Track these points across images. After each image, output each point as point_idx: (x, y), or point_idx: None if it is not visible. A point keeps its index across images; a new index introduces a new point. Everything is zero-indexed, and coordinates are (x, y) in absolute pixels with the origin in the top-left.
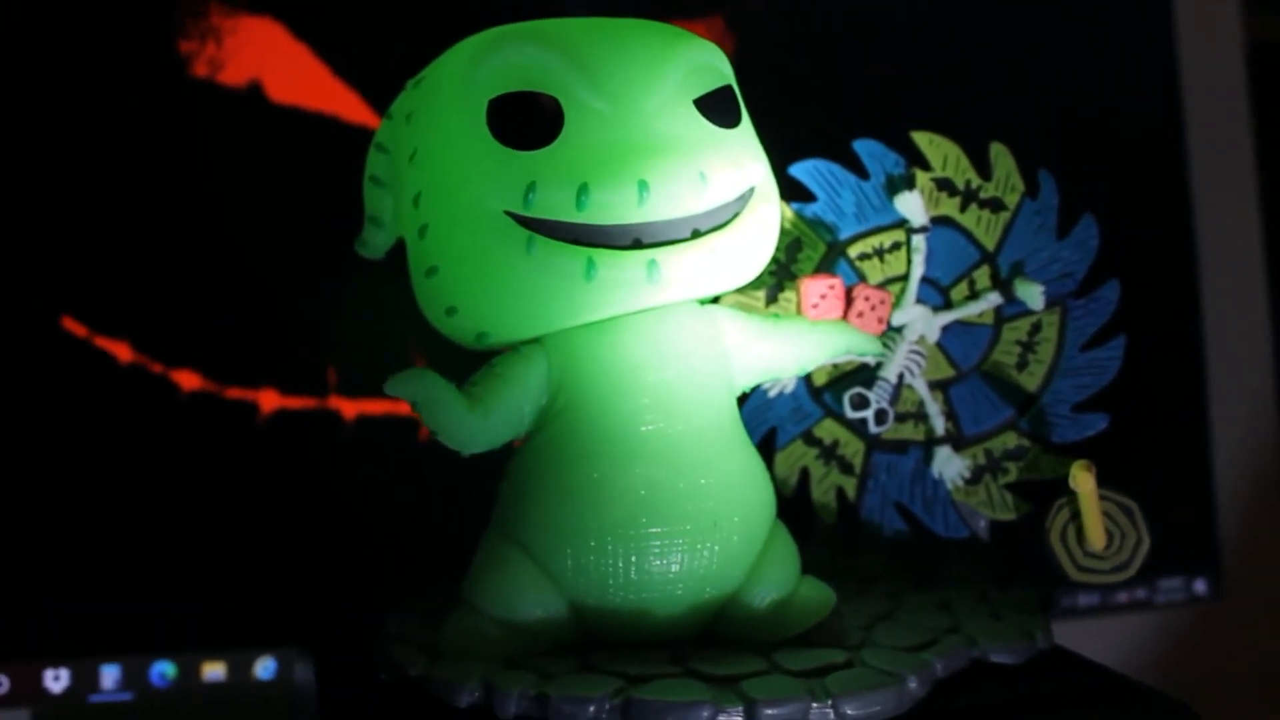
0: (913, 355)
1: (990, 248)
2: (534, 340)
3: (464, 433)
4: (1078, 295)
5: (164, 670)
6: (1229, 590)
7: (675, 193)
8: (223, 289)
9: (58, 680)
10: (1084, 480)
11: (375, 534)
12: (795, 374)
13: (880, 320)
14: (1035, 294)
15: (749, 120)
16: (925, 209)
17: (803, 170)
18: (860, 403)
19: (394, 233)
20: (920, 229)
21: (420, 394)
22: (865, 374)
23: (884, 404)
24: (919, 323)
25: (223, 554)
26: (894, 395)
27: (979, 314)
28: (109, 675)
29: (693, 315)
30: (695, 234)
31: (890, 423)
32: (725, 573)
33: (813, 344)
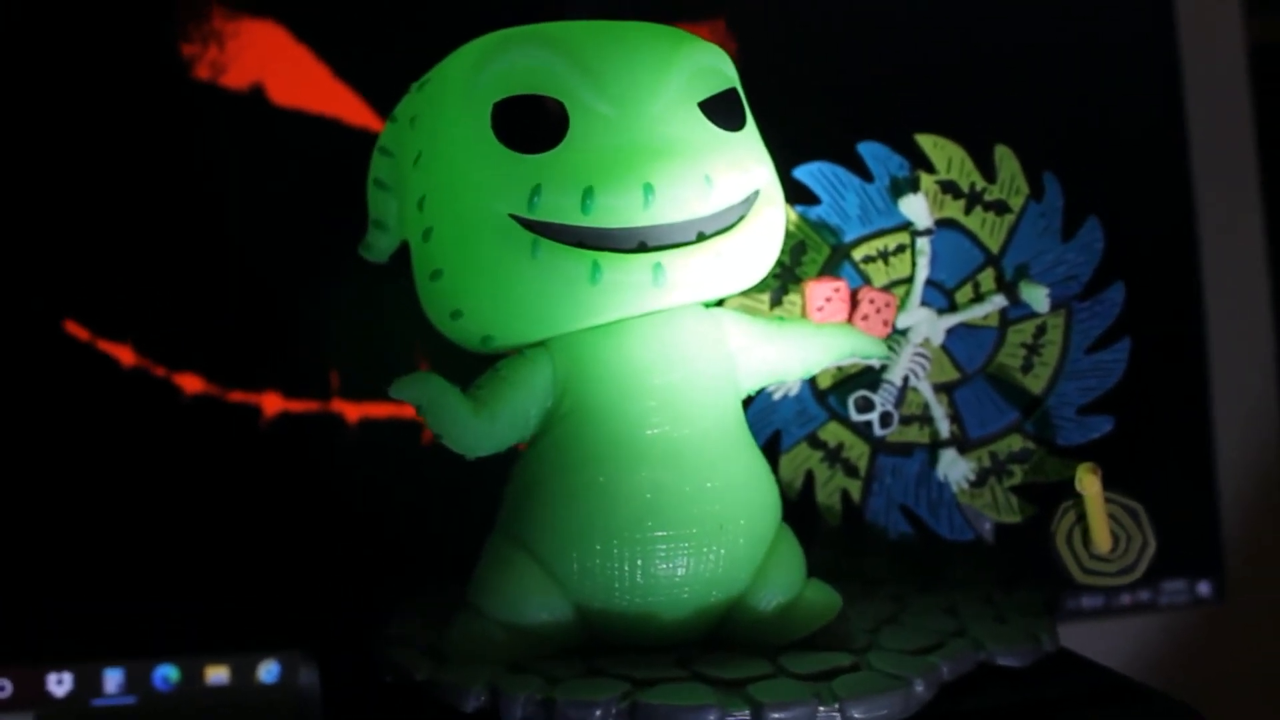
0: (917, 358)
1: (995, 250)
2: (539, 343)
3: (469, 436)
4: (1082, 298)
5: (167, 674)
6: (1232, 592)
7: (680, 196)
8: (225, 292)
9: (60, 684)
10: (1090, 483)
11: (378, 537)
12: (800, 377)
13: (885, 323)
14: (1040, 296)
15: (754, 123)
16: (930, 212)
17: (807, 173)
18: (865, 405)
19: (398, 236)
20: (925, 232)
21: (425, 397)
22: (870, 377)
23: (889, 407)
24: (924, 325)
25: (226, 557)
26: (899, 398)
27: (984, 317)
28: (112, 679)
29: (698, 318)
30: (700, 237)
31: (895, 425)
32: (731, 576)
33: (818, 347)
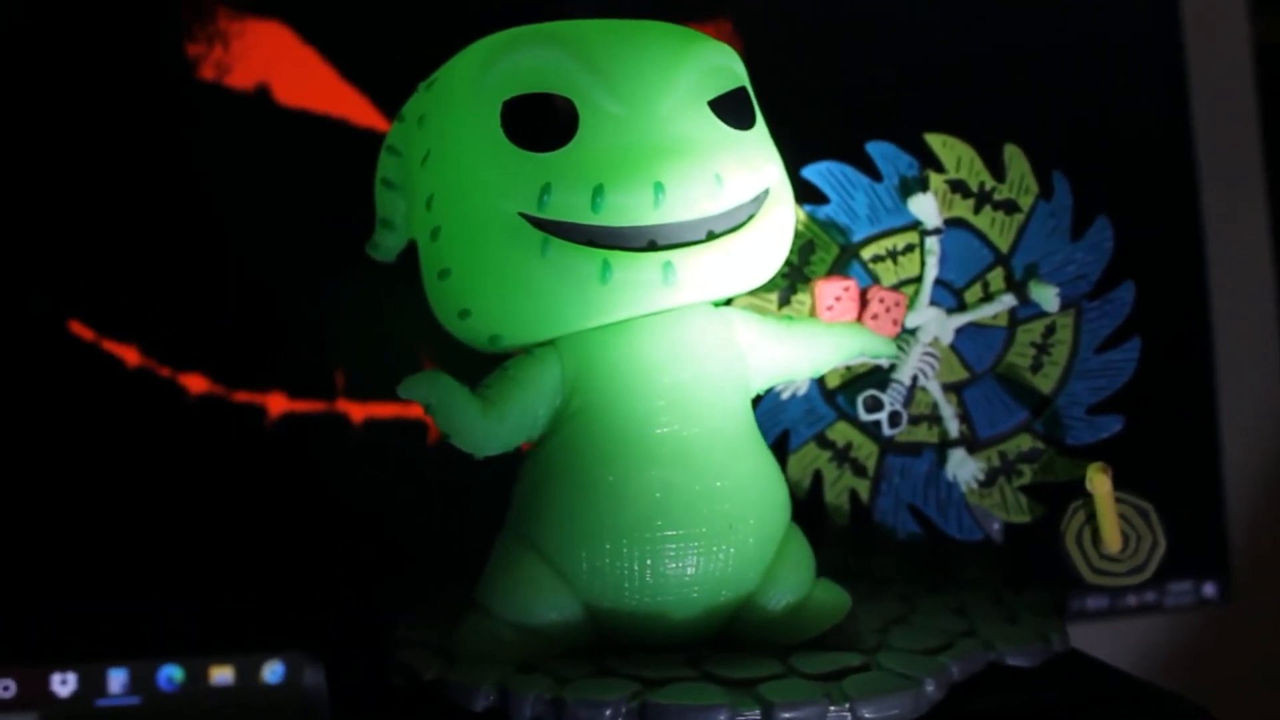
0: (926, 358)
1: (1004, 250)
2: (547, 343)
3: (477, 435)
4: (1092, 297)
5: (171, 674)
6: (1238, 593)
7: (691, 194)
8: (230, 293)
9: (65, 684)
10: (1100, 482)
11: (383, 537)
12: (809, 376)
13: (895, 322)
14: (1050, 296)
15: (763, 122)
16: (939, 211)
17: (815, 172)
18: (874, 405)
19: (405, 235)
20: (934, 231)
21: (433, 396)
22: (879, 376)
23: (897, 406)
24: (932, 325)
25: (231, 557)
26: (907, 398)
27: (993, 316)
28: (116, 679)
29: (707, 317)
30: (710, 236)
31: (904, 425)
32: (741, 575)
33: (827, 346)
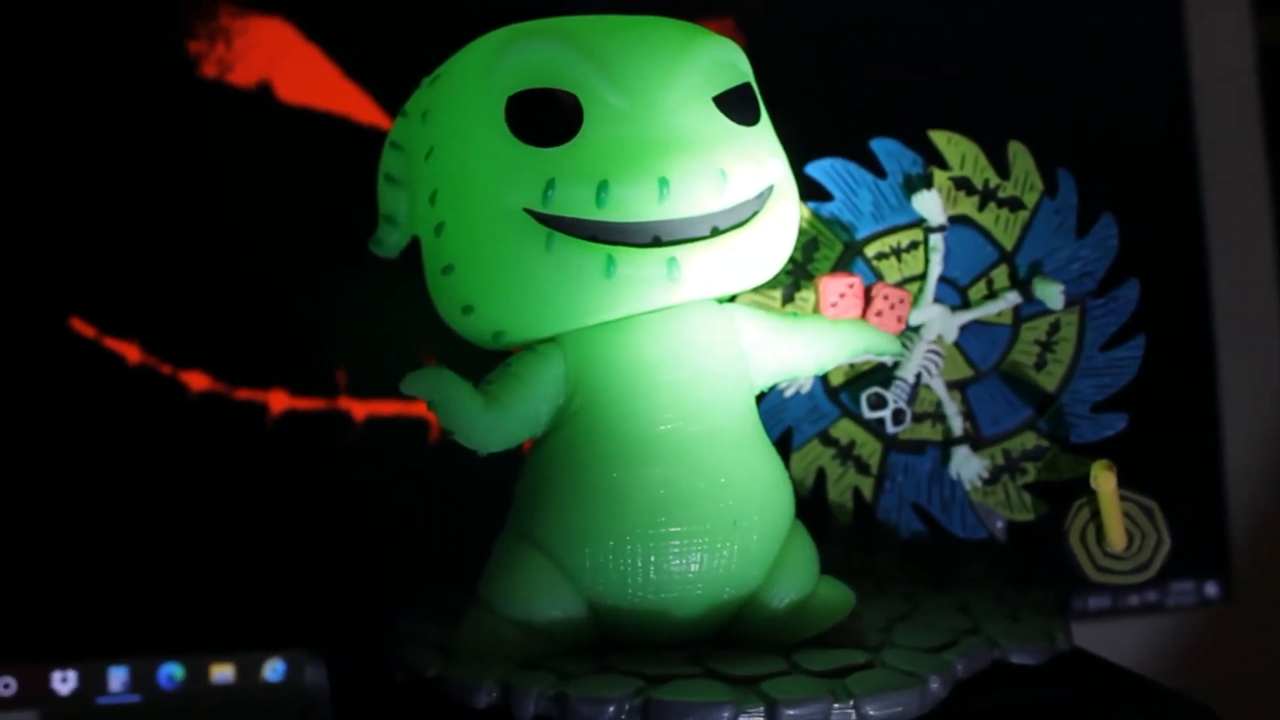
0: (930, 355)
1: (1009, 247)
2: (550, 339)
3: (480, 432)
4: (1097, 295)
5: (172, 672)
6: (1240, 593)
7: (695, 190)
8: (231, 290)
9: (65, 682)
10: (1105, 480)
11: (385, 535)
12: (813, 373)
13: (899, 319)
14: (1054, 293)
15: (768, 118)
16: (943, 208)
17: (819, 169)
18: (877, 402)
19: (409, 231)
20: (938, 228)
21: (437, 393)
22: (882, 374)
23: (901, 404)
24: (937, 322)
25: (232, 555)
26: (911, 395)
27: (997, 313)
28: (117, 677)
29: (711, 314)
30: (715, 232)
31: (908, 423)
32: (744, 573)
33: (831, 343)
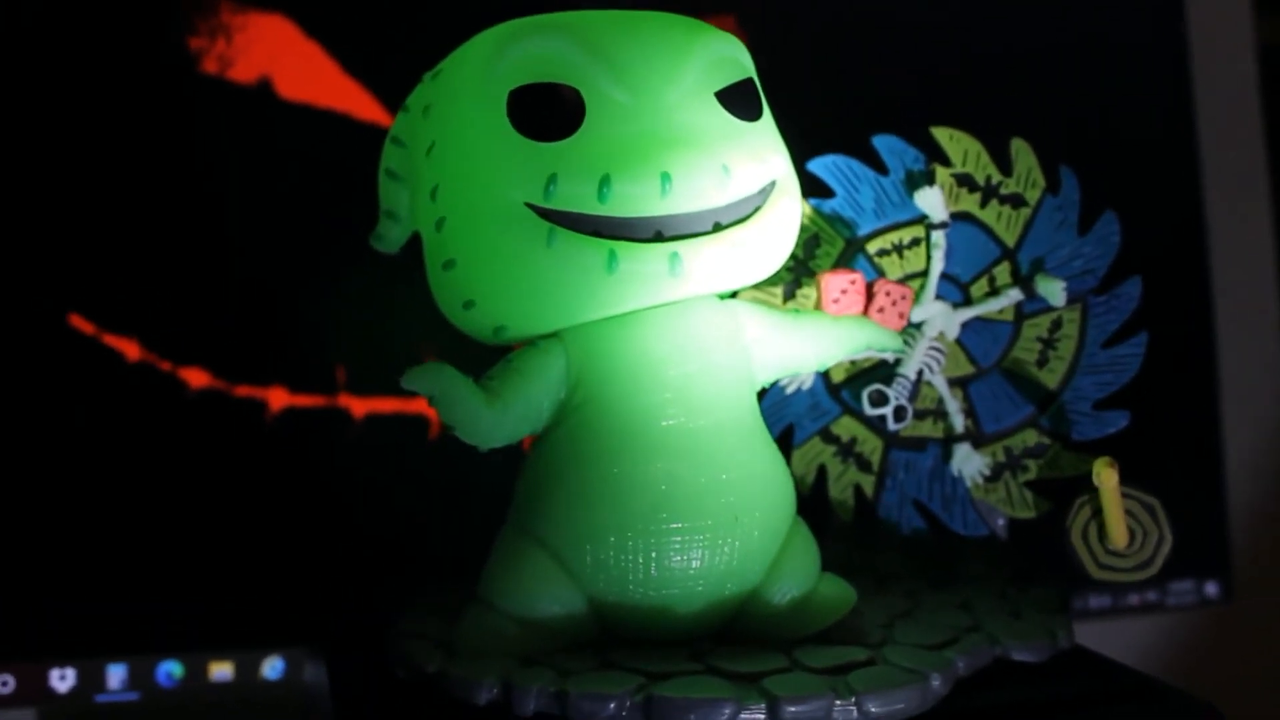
0: (932, 352)
1: (1011, 244)
2: (552, 335)
3: (482, 427)
4: (1099, 292)
5: (171, 670)
6: (1240, 593)
7: (698, 185)
8: (231, 287)
9: (64, 680)
10: (1108, 477)
11: (385, 532)
12: (815, 369)
13: (901, 316)
14: (1056, 290)
15: (770, 113)
16: (945, 205)
17: (821, 166)
18: (879, 399)
19: (410, 227)
20: (940, 225)
21: (437, 388)
22: (884, 371)
23: (903, 401)
24: (938, 319)
25: (231, 552)
26: (913, 392)
27: (999, 310)
28: (115, 675)
29: (713, 309)
30: (717, 227)
31: (909, 420)
32: (746, 569)
33: (833, 339)
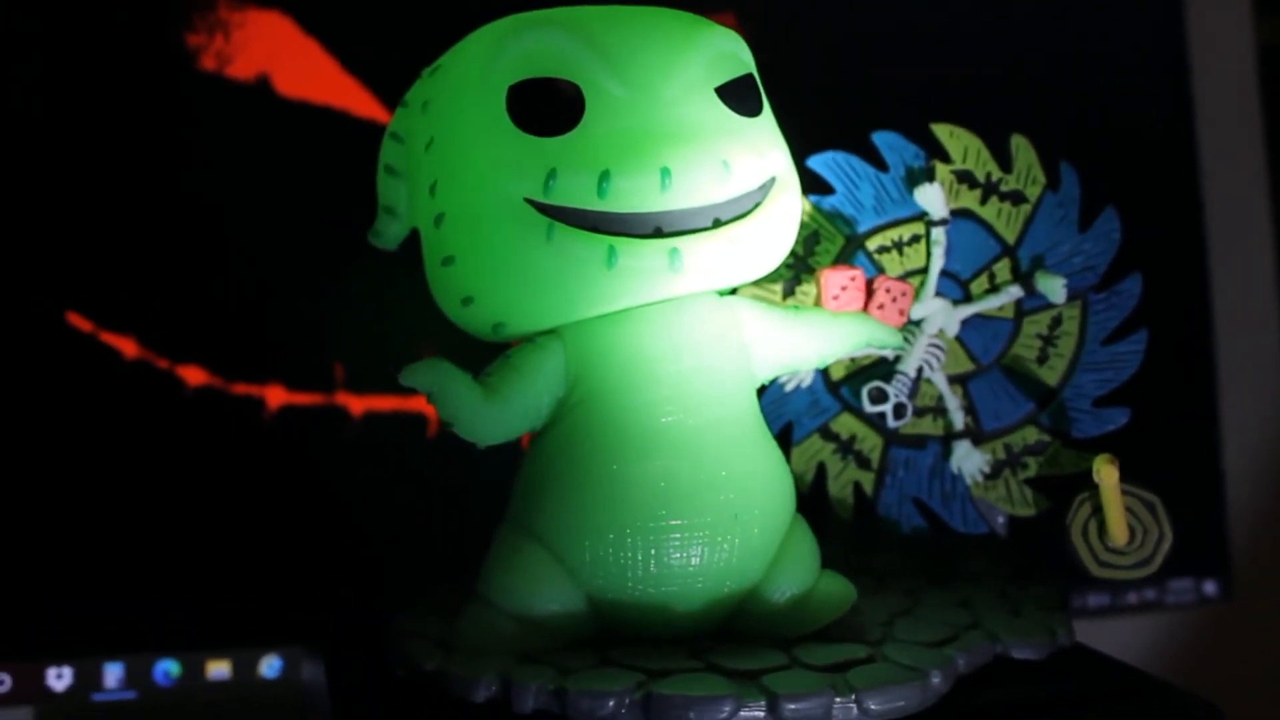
0: (932, 349)
1: (1011, 241)
2: (551, 331)
3: (480, 424)
4: (1099, 289)
5: (168, 669)
6: (1239, 592)
7: (698, 181)
8: (229, 284)
9: (60, 679)
10: (1108, 474)
11: (383, 530)
12: (815, 366)
13: (901, 312)
14: (1057, 287)
15: (770, 109)
16: (945, 201)
17: (821, 163)
18: (878, 397)
19: (408, 223)
20: (940, 221)
21: (436, 384)
22: (883, 368)
23: (902, 398)
24: (938, 316)
25: (228, 551)
26: (912, 389)
27: (999, 307)
28: (112, 674)
29: (712, 306)
30: (716, 223)
31: (909, 417)
32: (745, 566)
33: (833, 336)
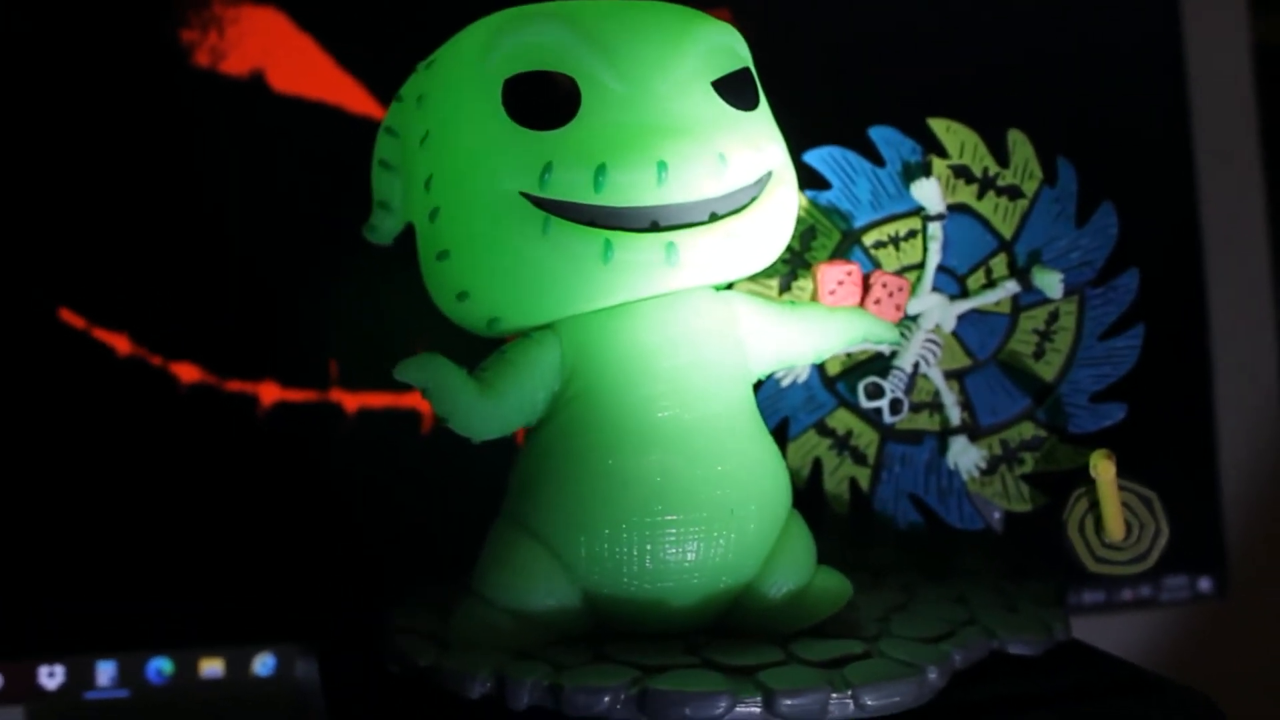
0: (928, 344)
1: (1008, 236)
2: (546, 326)
3: (475, 419)
4: (1096, 284)
5: (161, 667)
6: (1234, 589)
7: (694, 174)
8: (223, 281)
9: (53, 677)
10: (1105, 469)
11: (377, 528)
12: (811, 361)
13: (898, 307)
14: (1054, 282)
15: (766, 103)
16: (942, 196)
17: (817, 158)
18: (874, 392)
19: (403, 218)
20: (937, 217)
21: (430, 379)
22: (880, 363)
23: (899, 394)
24: (935, 311)
25: (221, 549)
26: (909, 385)
27: (996, 303)
28: (105, 672)
29: (709, 301)
30: (713, 217)
31: (905, 413)
32: (741, 562)
33: (830, 330)
